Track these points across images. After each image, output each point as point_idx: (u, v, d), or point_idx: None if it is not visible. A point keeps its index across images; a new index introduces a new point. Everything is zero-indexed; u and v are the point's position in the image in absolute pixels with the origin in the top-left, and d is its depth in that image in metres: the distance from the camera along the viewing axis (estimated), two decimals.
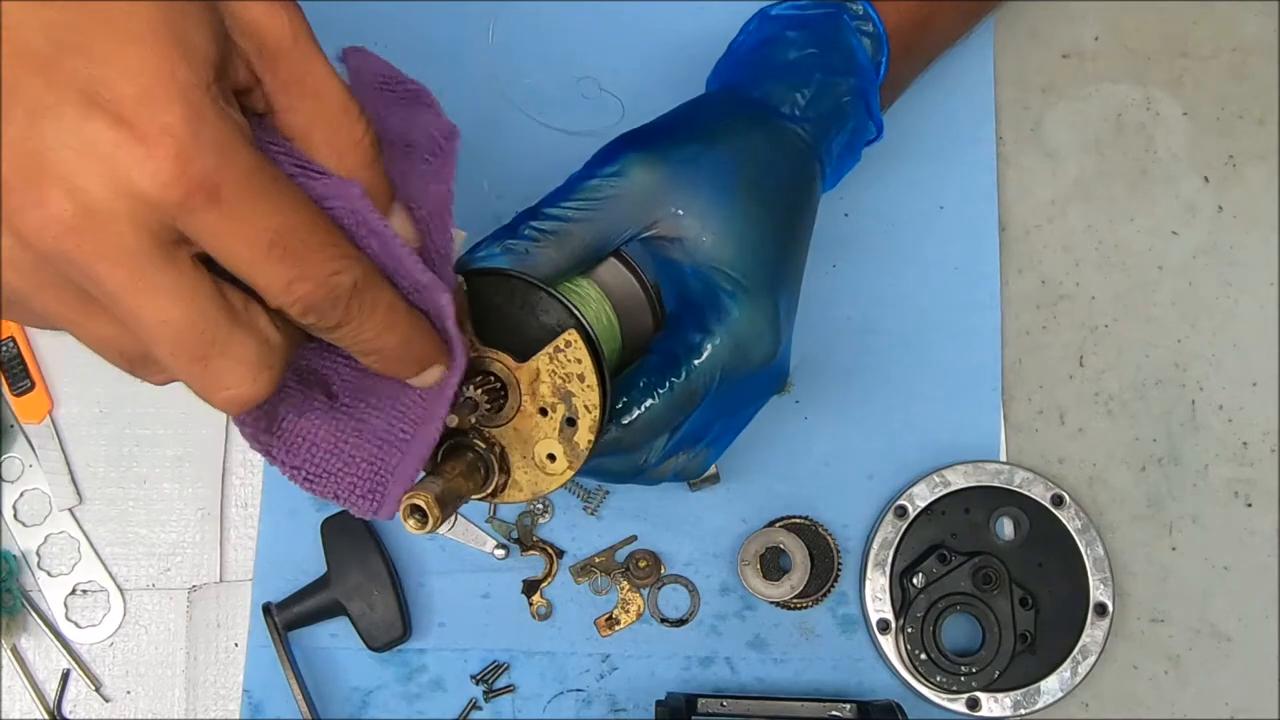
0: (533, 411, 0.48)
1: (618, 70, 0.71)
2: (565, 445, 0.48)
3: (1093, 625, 0.66)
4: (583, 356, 0.48)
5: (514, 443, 0.49)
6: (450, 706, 0.66)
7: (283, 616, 0.65)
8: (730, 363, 0.52)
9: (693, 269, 0.52)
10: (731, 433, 0.57)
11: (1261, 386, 0.70)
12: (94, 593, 0.67)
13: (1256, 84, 0.72)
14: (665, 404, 0.51)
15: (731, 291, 0.52)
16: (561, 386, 0.48)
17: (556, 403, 0.48)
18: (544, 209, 0.52)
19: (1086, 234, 0.71)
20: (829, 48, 0.57)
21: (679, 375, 0.51)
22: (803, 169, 0.55)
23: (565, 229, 0.52)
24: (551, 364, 0.48)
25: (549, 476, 0.49)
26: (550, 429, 0.48)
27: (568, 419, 0.48)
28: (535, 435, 0.48)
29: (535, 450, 0.48)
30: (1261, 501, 0.69)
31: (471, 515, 0.68)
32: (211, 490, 0.68)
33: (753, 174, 0.53)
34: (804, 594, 0.67)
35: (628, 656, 0.67)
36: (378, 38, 0.72)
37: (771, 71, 0.56)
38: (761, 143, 0.54)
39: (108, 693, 0.66)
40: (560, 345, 0.48)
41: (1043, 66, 0.72)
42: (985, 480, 0.67)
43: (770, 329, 0.53)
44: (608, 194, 0.52)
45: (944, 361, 0.69)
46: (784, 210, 0.54)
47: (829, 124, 0.56)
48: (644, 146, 0.53)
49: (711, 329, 0.52)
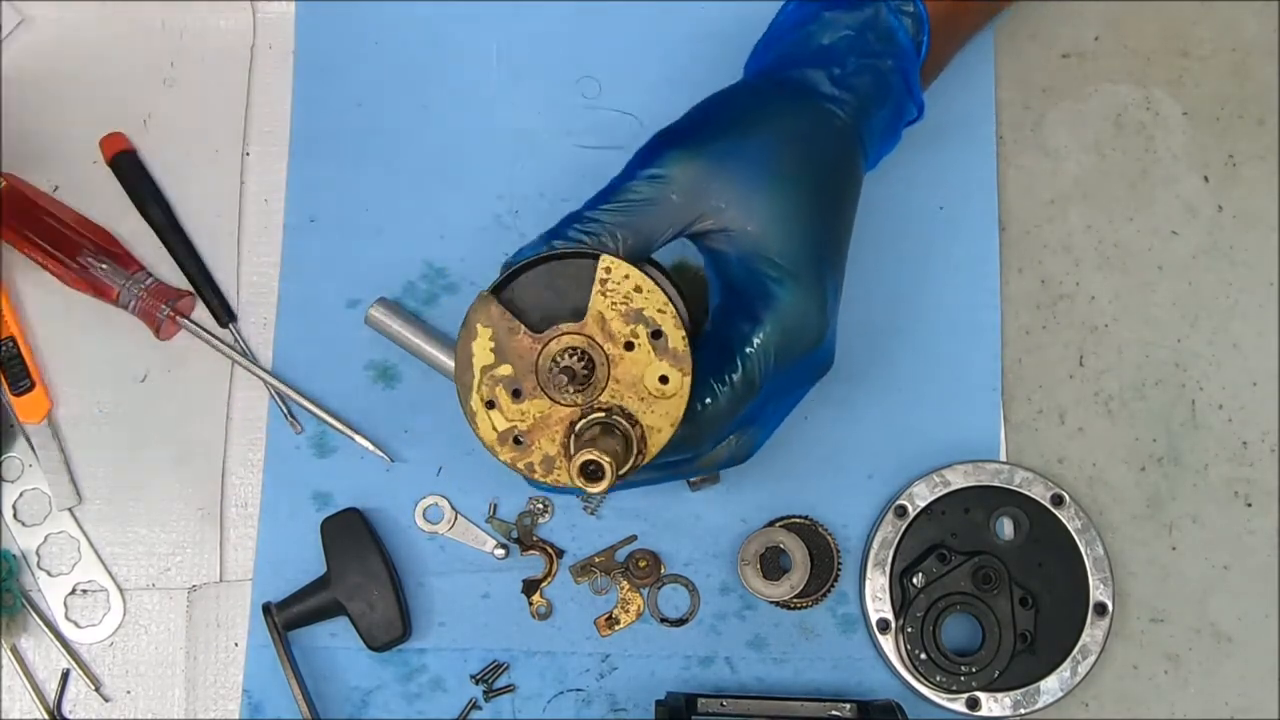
0: (620, 353, 0.49)
1: (618, 70, 0.71)
2: (667, 359, 0.49)
3: (1093, 625, 0.66)
4: (628, 271, 0.49)
5: (626, 393, 0.49)
6: (450, 706, 0.66)
7: (283, 616, 0.65)
8: (782, 347, 0.52)
9: (738, 258, 0.53)
10: (779, 415, 0.57)
11: (1261, 386, 0.70)
12: (94, 593, 0.67)
13: (1256, 84, 0.72)
14: (728, 398, 0.52)
15: (778, 279, 0.52)
16: (628, 310, 0.49)
17: (634, 327, 0.49)
18: (585, 212, 0.53)
19: (1086, 234, 0.71)
20: (867, 28, 0.56)
21: (735, 368, 0.52)
22: (844, 149, 0.55)
23: (609, 230, 0.52)
24: (606, 298, 0.49)
25: (672, 398, 0.49)
26: (646, 355, 0.49)
27: (652, 334, 0.49)
28: (638, 372, 0.49)
29: (646, 385, 0.49)
30: (1261, 501, 0.69)
31: (471, 515, 0.68)
32: (211, 490, 0.68)
33: (792, 158, 0.53)
34: (804, 594, 0.67)
35: (628, 656, 0.67)
36: (378, 38, 0.72)
37: (809, 53, 0.56)
38: (800, 125, 0.54)
39: (108, 693, 0.66)
40: (601, 275, 0.48)
41: (1043, 66, 0.72)
42: (985, 480, 0.67)
43: (818, 313, 0.53)
44: (649, 195, 0.53)
45: (944, 361, 0.69)
46: (827, 192, 0.54)
47: (869, 103, 0.55)
48: (681, 143, 0.53)
49: (761, 317, 0.52)
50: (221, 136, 0.70)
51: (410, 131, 0.71)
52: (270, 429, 0.68)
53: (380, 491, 0.68)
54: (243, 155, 0.70)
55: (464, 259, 0.70)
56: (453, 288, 0.69)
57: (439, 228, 0.70)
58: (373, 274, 0.69)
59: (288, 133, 0.71)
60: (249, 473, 0.68)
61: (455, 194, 0.70)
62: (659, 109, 0.70)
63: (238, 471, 0.68)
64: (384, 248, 0.70)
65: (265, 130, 0.71)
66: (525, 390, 0.51)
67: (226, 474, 0.68)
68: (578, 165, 0.70)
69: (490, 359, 0.50)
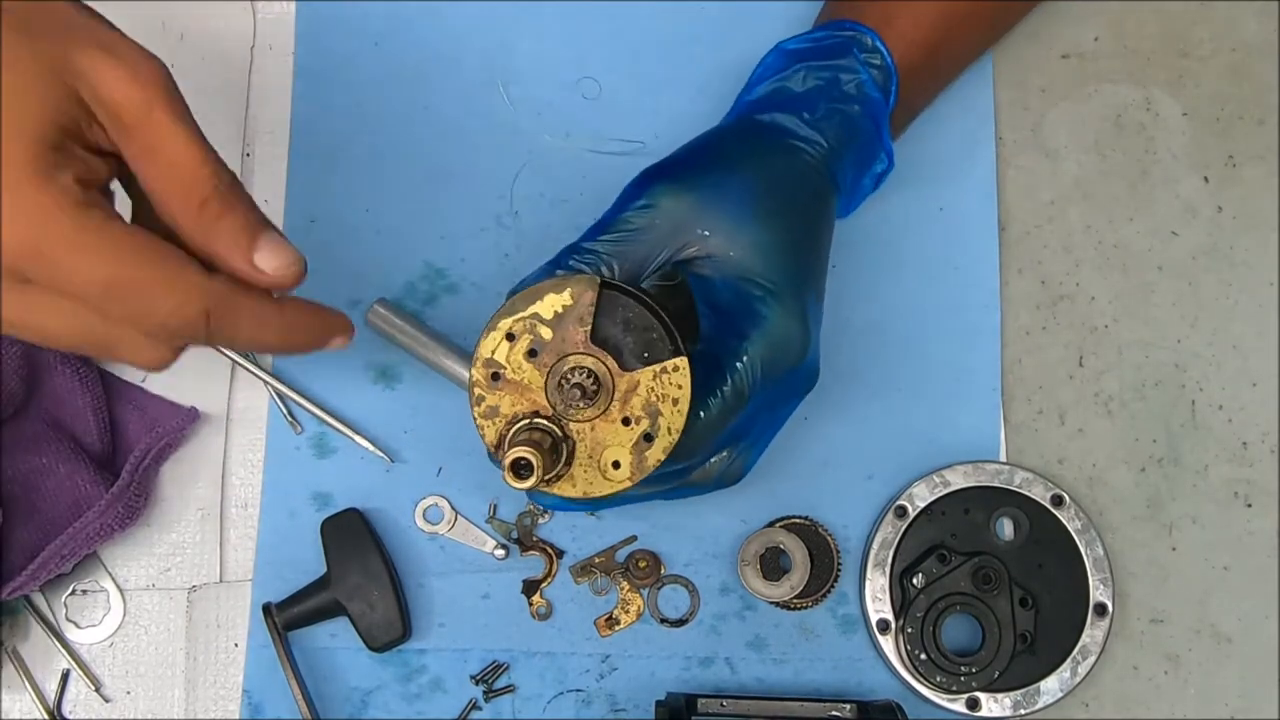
0: (616, 418, 0.52)
1: (618, 70, 0.71)
2: (634, 457, 0.52)
3: (1093, 625, 0.66)
4: (685, 384, 0.52)
5: (585, 441, 0.52)
6: (450, 707, 0.66)
7: (283, 616, 0.65)
8: (768, 361, 0.55)
9: (723, 281, 0.56)
10: (770, 432, 0.61)
11: (1261, 386, 0.70)
12: (94, 593, 0.67)
13: (1256, 84, 0.72)
14: (719, 409, 0.55)
15: (762, 297, 0.56)
16: (654, 404, 0.52)
17: (642, 416, 0.52)
18: (583, 243, 0.57)
19: (1086, 234, 0.71)
20: (837, 78, 0.60)
21: (725, 381, 0.55)
22: (815, 185, 0.59)
23: (607, 260, 0.56)
24: (653, 381, 0.52)
25: (606, 481, 0.52)
26: (626, 439, 0.52)
27: (646, 434, 0.52)
28: (608, 441, 0.52)
29: (603, 455, 0.52)
30: (1261, 501, 0.69)
31: (471, 515, 0.68)
32: (211, 490, 0.68)
33: (770, 192, 0.57)
34: (804, 594, 0.67)
35: (628, 656, 0.67)
36: (378, 38, 0.72)
37: (784, 99, 0.60)
38: (775, 164, 0.58)
39: (108, 693, 0.66)
40: (669, 368, 0.52)
41: (1043, 67, 0.72)
42: (985, 480, 0.67)
43: (801, 328, 0.56)
44: (640, 224, 0.56)
45: (944, 361, 0.69)
46: (801, 222, 0.58)
47: (838, 145, 0.60)
48: (670, 178, 0.57)
49: (748, 333, 0.55)
50: (221, 137, 0.70)
51: (410, 131, 0.71)
52: (270, 429, 0.68)
53: (380, 492, 0.68)
54: (243, 155, 0.70)
55: (464, 259, 0.70)
56: (453, 288, 0.70)
57: (439, 228, 0.70)
58: (373, 274, 0.69)
59: (288, 133, 0.71)
60: (249, 473, 0.68)
61: (455, 194, 0.70)
62: (659, 110, 0.71)
63: (238, 471, 0.68)
64: (384, 248, 0.70)
65: (265, 130, 0.71)
66: (543, 356, 0.53)
67: (226, 474, 0.68)
68: (578, 166, 0.71)
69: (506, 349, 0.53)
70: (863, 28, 0.61)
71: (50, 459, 0.64)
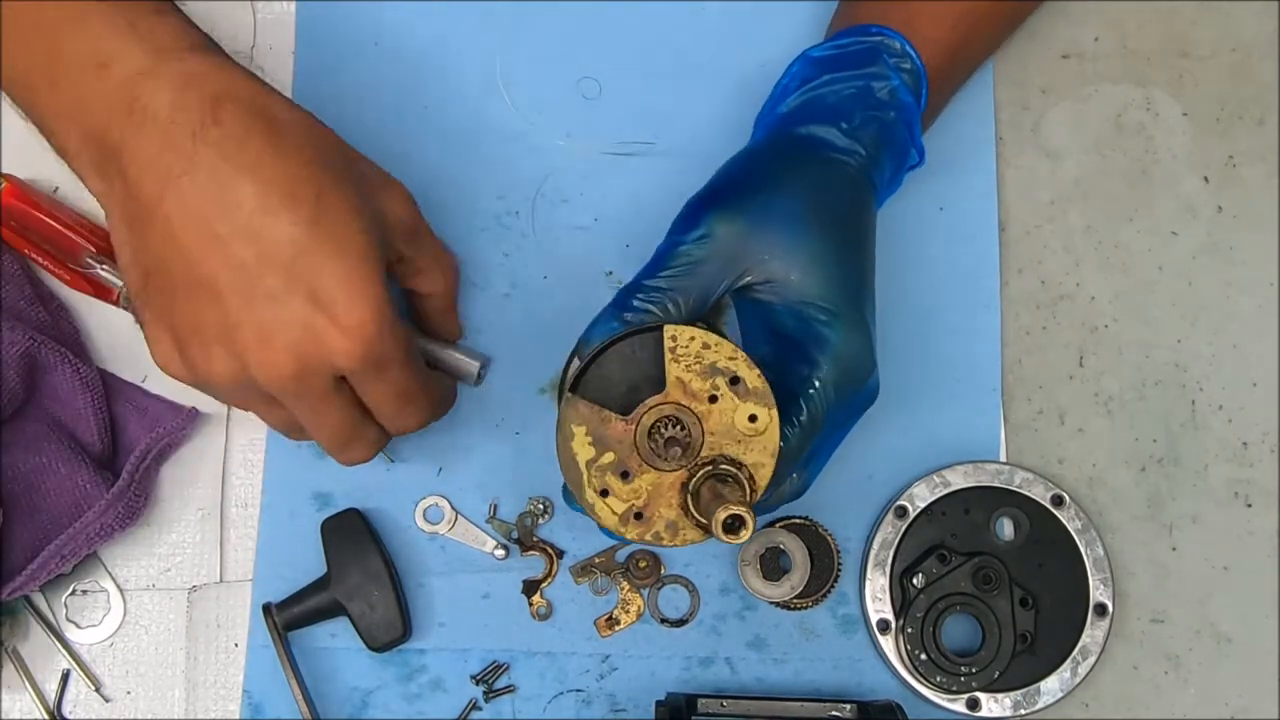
0: (708, 408, 0.53)
1: (618, 70, 0.71)
2: (751, 399, 0.52)
3: (1093, 625, 0.66)
4: (693, 333, 0.52)
5: (723, 441, 0.53)
6: (450, 707, 0.66)
7: (283, 616, 0.65)
8: (840, 383, 0.56)
9: (784, 307, 0.56)
10: (829, 449, 0.60)
11: (1261, 386, 0.70)
12: (94, 593, 0.67)
13: (1256, 84, 0.72)
14: (797, 439, 0.55)
15: (827, 321, 0.56)
16: (702, 367, 0.52)
17: (713, 379, 0.52)
18: (644, 281, 0.56)
19: (1086, 234, 0.71)
20: (870, 85, 0.60)
21: (800, 410, 0.55)
22: (859, 195, 0.59)
23: (669, 296, 0.56)
24: (680, 363, 0.52)
25: (765, 433, 0.53)
26: (731, 403, 0.52)
27: (730, 381, 0.52)
28: (728, 419, 0.53)
29: (738, 427, 0.53)
30: (1261, 501, 0.69)
31: (471, 515, 0.68)
32: (211, 490, 0.68)
33: (820, 208, 0.57)
34: (804, 594, 0.67)
35: (628, 656, 0.67)
36: (378, 38, 0.72)
37: (819, 111, 0.60)
38: (821, 177, 0.58)
39: (108, 693, 0.66)
40: (669, 344, 0.52)
41: (1043, 67, 0.72)
42: (985, 480, 0.67)
43: (867, 348, 0.57)
44: (699, 256, 0.56)
45: (944, 361, 0.69)
46: (853, 236, 0.58)
47: (877, 152, 0.59)
48: (721, 205, 0.57)
49: (817, 360, 0.55)
50: None
51: (410, 131, 0.71)
52: (270, 429, 0.68)
53: (380, 491, 0.68)
54: None
55: (464, 259, 0.69)
56: None
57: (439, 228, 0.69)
58: None
59: None
60: (249, 473, 0.68)
61: (455, 194, 0.70)
62: (659, 110, 0.71)
63: (238, 472, 0.68)
64: None
65: None
66: (632, 470, 0.53)
67: (226, 474, 0.68)
68: (578, 166, 0.71)
69: (591, 453, 0.53)
70: (890, 31, 0.61)
71: (50, 458, 0.64)
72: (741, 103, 0.68)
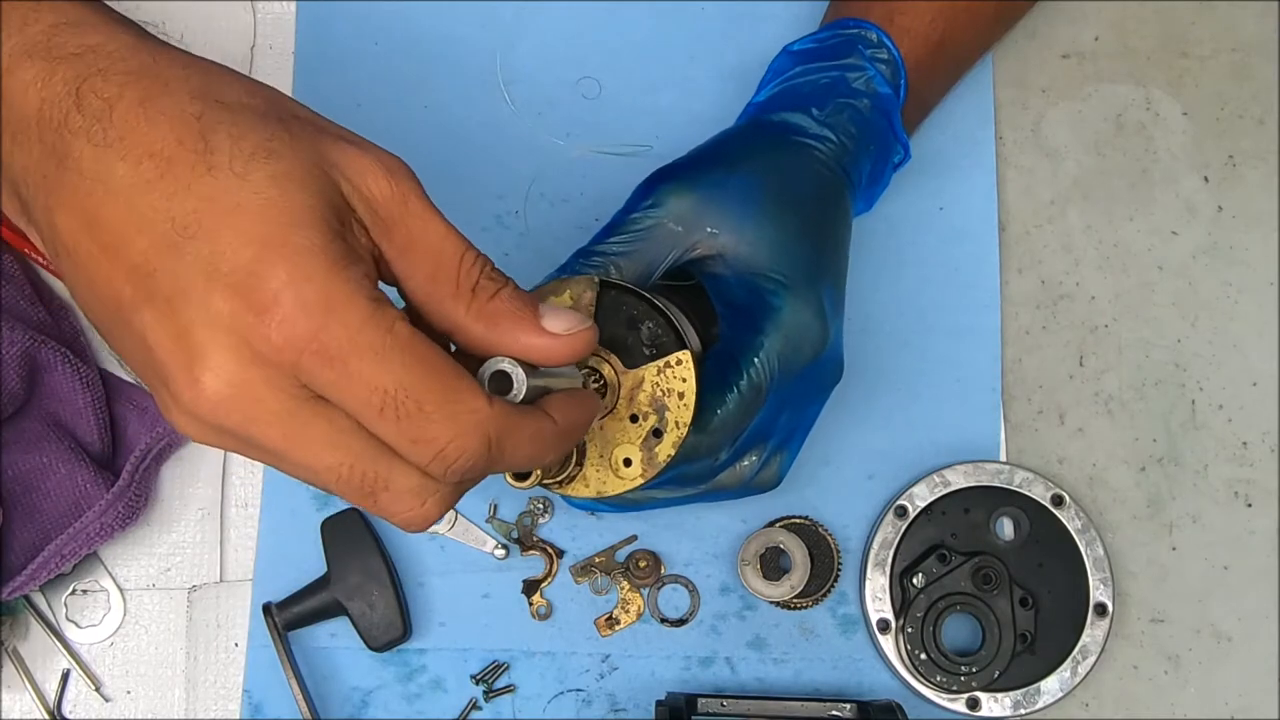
0: (624, 416, 0.52)
1: (618, 70, 0.71)
2: (645, 454, 0.52)
3: (1093, 625, 0.66)
4: (689, 377, 0.52)
5: (595, 440, 0.52)
6: (450, 706, 0.66)
7: (283, 616, 0.65)
8: (785, 354, 0.56)
9: (735, 278, 0.57)
10: (801, 433, 0.60)
11: (1261, 386, 0.70)
12: (94, 593, 0.67)
13: (1256, 84, 0.72)
14: (736, 405, 0.55)
15: (774, 290, 0.56)
16: (659, 399, 0.52)
17: (649, 412, 0.52)
18: (593, 246, 0.57)
19: (1086, 234, 0.71)
20: (844, 75, 0.61)
21: (741, 376, 0.55)
22: (828, 181, 0.59)
23: (615, 261, 0.57)
24: (658, 376, 0.52)
25: (618, 480, 0.53)
26: (635, 436, 0.52)
27: (655, 429, 0.52)
28: (618, 439, 0.52)
29: (614, 452, 0.52)
30: (1261, 501, 0.69)
31: (471, 515, 0.68)
32: (211, 490, 0.68)
33: (777, 186, 0.58)
34: (804, 594, 0.67)
35: (628, 656, 0.67)
36: (378, 38, 0.72)
37: (790, 100, 0.61)
38: (781, 159, 0.59)
39: (108, 693, 0.66)
40: (671, 362, 0.52)
41: (1043, 66, 0.72)
42: (985, 480, 0.67)
43: (817, 319, 0.56)
44: (648, 225, 0.57)
45: (944, 361, 0.69)
46: (812, 215, 0.58)
47: (849, 140, 0.60)
48: (675, 178, 0.58)
49: (763, 327, 0.56)
50: None
51: (410, 131, 0.71)
52: None
53: None
54: None
55: None
56: None
57: None
58: None
59: None
60: (249, 473, 0.68)
61: (455, 194, 0.70)
62: (660, 110, 0.71)
63: (238, 471, 0.68)
64: None
65: None
66: None
67: (226, 474, 0.68)
68: (578, 165, 0.71)
69: None
70: (867, 24, 0.61)
71: (50, 458, 0.64)
72: (741, 103, 0.67)
